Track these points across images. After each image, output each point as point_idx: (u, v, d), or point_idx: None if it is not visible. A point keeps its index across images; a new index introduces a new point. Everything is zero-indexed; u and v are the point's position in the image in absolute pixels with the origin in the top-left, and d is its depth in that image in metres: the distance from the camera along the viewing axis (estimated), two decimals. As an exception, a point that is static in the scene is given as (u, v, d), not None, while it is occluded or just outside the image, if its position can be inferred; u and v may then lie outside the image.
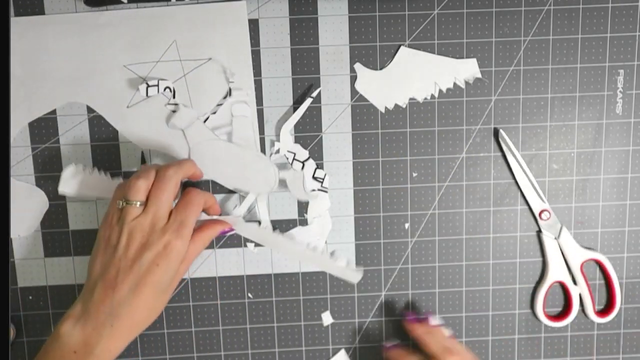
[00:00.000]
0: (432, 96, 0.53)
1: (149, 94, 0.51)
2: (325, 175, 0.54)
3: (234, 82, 0.52)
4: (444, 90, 0.53)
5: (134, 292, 0.45)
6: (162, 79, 0.51)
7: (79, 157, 0.53)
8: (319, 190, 0.54)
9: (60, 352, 0.44)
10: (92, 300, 0.45)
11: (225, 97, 0.52)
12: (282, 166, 0.54)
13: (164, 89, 0.51)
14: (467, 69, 0.53)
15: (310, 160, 0.54)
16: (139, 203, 0.46)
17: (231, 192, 0.54)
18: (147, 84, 0.51)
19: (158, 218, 0.46)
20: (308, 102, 0.52)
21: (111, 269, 0.45)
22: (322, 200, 0.54)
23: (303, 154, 0.53)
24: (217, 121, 0.52)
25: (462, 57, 0.53)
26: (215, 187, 0.54)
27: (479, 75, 0.53)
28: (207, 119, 0.52)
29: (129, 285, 0.45)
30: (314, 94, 0.52)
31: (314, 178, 0.54)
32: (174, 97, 0.52)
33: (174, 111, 0.52)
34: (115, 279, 0.45)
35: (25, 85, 0.52)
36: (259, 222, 0.54)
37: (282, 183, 0.53)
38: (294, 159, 0.53)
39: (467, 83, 0.53)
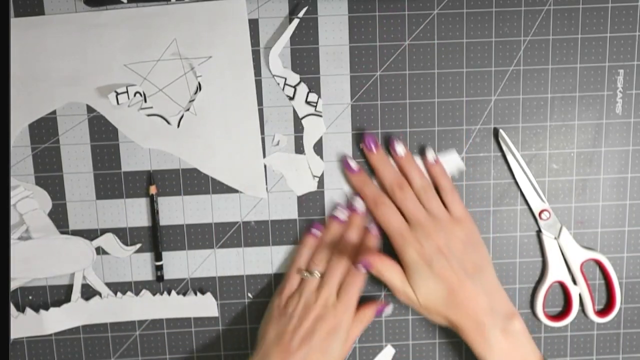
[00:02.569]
0: None
1: (119, 102, 0.51)
2: (318, 99, 0.53)
3: (201, 75, 0.52)
4: None
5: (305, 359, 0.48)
6: (131, 85, 0.51)
7: (79, 157, 0.53)
8: (312, 114, 0.53)
9: None
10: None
11: (196, 93, 0.52)
12: (276, 162, 0.54)
13: (134, 94, 0.51)
14: (449, 163, 0.54)
15: (302, 84, 0.53)
16: (319, 274, 0.51)
17: (232, 191, 0.54)
18: (116, 92, 0.50)
19: (331, 293, 0.50)
20: (295, 23, 0.51)
21: (285, 336, 0.49)
22: (317, 125, 0.53)
23: (294, 78, 0.53)
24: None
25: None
26: (215, 187, 0.54)
27: (463, 168, 0.54)
28: (182, 116, 0.52)
29: (302, 353, 0.48)
30: (301, 14, 0.51)
31: (307, 102, 0.53)
32: (145, 101, 0.52)
33: (149, 115, 0.52)
34: (289, 345, 0.49)
35: (25, 85, 0.52)
36: (100, 294, 0.54)
37: (99, 250, 0.54)
38: (285, 84, 0.53)
39: (452, 178, 0.54)
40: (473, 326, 0.49)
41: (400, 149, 0.52)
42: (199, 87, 0.51)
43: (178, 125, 0.52)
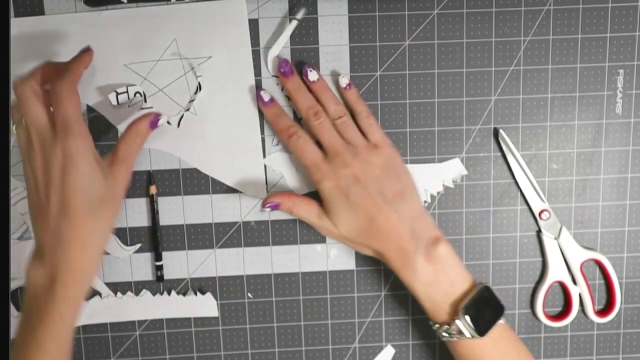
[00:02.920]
0: (425, 202, 0.54)
1: (119, 102, 0.51)
2: None
3: (201, 75, 0.52)
4: (435, 194, 0.54)
5: (63, 209, 0.43)
6: (131, 84, 0.51)
7: (79, 157, 0.53)
8: None
9: (34, 296, 0.44)
10: (37, 236, 0.45)
11: (196, 93, 0.52)
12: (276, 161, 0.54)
13: (134, 94, 0.51)
14: (451, 170, 0.54)
15: None
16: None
17: (232, 191, 0.54)
18: (116, 92, 0.50)
19: (40, 131, 0.44)
20: (293, 24, 0.51)
21: (33, 198, 0.45)
22: None
23: None
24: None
25: (446, 160, 0.54)
26: (215, 187, 0.54)
27: (465, 173, 0.54)
28: (182, 116, 0.52)
29: (54, 204, 0.43)
30: (299, 16, 0.51)
31: None
32: (145, 101, 0.52)
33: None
34: (39, 205, 0.44)
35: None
36: (100, 294, 0.54)
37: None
38: None
39: (454, 182, 0.54)
40: (396, 253, 0.48)
41: (313, 75, 0.50)
42: (199, 87, 0.51)
43: (178, 125, 0.52)
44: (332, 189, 0.49)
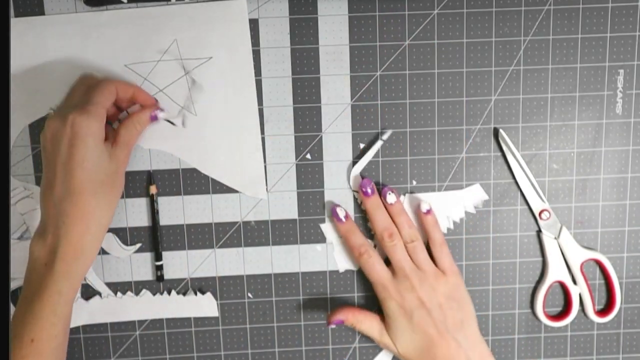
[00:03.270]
0: (449, 229, 0.54)
1: (120, 117, 0.51)
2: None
3: (196, 81, 0.52)
4: (458, 220, 0.54)
5: (68, 183, 0.44)
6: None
7: (79, 157, 0.53)
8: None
9: (35, 270, 0.45)
10: (43, 211, 0.46)
11: (194, 92, 0.52)
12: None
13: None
14: (473, 195, 0.54)
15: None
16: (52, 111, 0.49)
17: (232, 191, 0.54)
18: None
19: (67, 106, 0.47)
20: (378, 145, 0.53)
21: (44, 173, 0.46)
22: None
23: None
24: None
25: (465, 186, 0.54)
26: (215, 187, 0.54)
27: (486, 198, 0.54)
28: (184, 115, 0.52)
29: (60, 178, 0.45)
30: (385, 137, 0.53)
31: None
32: None
33: None
34: (48, 180, 0.45)
35: (25, 85, 0.52)
36: (100, 294, 0.54)
37: (99, 250, 0.51)
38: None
39: (475, 208, 0.54)
40: None
41: (391, 198, 0.52)
42: (195, 85, 0.51)
43: (183, 125, 0.52)
44: (397, 309, 0.51)
